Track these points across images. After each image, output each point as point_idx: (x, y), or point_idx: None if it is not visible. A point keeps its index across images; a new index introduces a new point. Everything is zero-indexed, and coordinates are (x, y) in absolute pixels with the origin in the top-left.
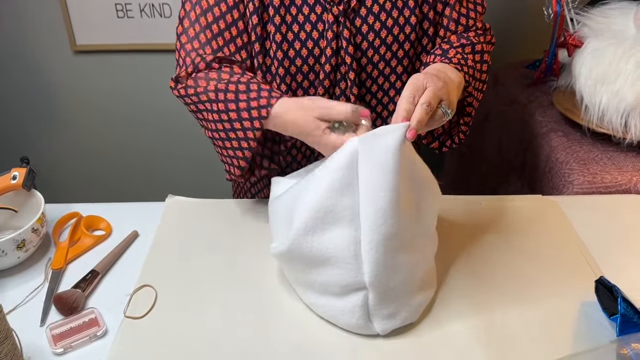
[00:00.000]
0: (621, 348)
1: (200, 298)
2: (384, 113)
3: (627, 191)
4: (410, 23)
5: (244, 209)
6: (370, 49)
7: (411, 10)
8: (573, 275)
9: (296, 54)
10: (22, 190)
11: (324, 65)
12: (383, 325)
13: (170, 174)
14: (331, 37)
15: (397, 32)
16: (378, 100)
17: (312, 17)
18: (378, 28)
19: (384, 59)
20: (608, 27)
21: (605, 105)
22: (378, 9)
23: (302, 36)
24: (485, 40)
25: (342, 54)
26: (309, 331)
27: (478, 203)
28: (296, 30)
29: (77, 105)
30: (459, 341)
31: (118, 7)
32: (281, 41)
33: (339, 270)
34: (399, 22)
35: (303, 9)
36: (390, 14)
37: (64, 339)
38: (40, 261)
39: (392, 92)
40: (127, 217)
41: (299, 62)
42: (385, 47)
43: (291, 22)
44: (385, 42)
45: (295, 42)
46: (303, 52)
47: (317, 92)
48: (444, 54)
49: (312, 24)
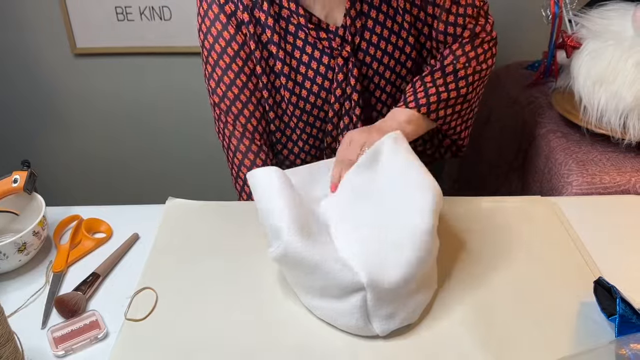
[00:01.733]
0: (620, 348)
1: (201, 300)
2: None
3: (626, 192)
4: (409, 43)
5: (244, 211)
6: (376, 76)
7: (407, 31)
8: (572, 276)
9: (307, 103)
10: (23, 194)
11: (333, 104)
12: (382, 326)
13: (170, 176)
14: (342, 79)
15: (398, 55)
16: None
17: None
18: (380, 56)
19: (389, 82)
20: (606, 28)
21: (604, 106)
22: (377, 39)
23: (308, 85)
24: (478, 52)
25: (348, 91)
26: (309, 333)
27: (478, 204)
28: (308, 87)
29: (77, 108)
30: (458, 342)
31: (118, 10)
32: (290, 97)
33: (336, 273)
34: (398, 45)
35: (312, 64)
36: (389, 40)
37: (65, 341)
38: (41, 264)
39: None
40: (127, 219)
41: (311, 109)
42: (390, 71)
43: (302, 81)
44: (389, 67)
45: (302, 92)
46: (311, 99)
47: (326, 128)
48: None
49: (323, 76)
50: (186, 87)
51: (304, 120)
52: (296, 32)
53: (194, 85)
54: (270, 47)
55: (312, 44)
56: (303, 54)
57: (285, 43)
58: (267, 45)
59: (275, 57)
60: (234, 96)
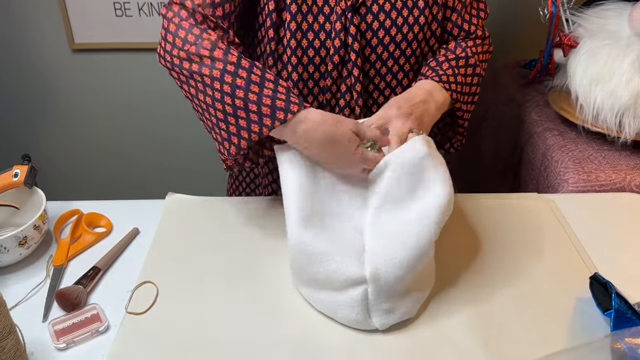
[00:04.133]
0: (615, 342)
1: (201, 294)
2: None
3: (621, 189)
4: (419, 23)
5: (244, 206)
6: (380, 46)
7: (420, 11)
8: (568, 272)
9: (309, 44)
10: (24, 188)
11: (333, 56)
12: (382, 320)
13: (170, 171)
14: (339, 29)
15: (406, 30)
16: (386, 97)
17: (325, 9)
18: (388, 25)
19: (392, 57)
20: (603, 27)
21: (600, 105)
22: (390, 7)
23: (316, 27)
24: (482, 50)
25: (348, 49)
26: (309, 327)
27: (475, 201)
28: (310, 21)
29: (76, 103)
30: (456, 337)
31: (116, 6)
32: (295, 30)
33: (341, 265)
34: (409, 21)
35: (317, 0)
36: (401, 12)
37: (67, 334)
38: (41, 258)
39: (399, 89)
40: (127, 214)
41: (311, 52)
42: (395, 45)
43: (306, 11)
44: (395, 40)
45: (308, 32)
46: (316, 43)
47: (326, 84)
48: (438, 66)
49: (326, 16)
50: None
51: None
52: None
53: None
54: None
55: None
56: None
57: None
58: None
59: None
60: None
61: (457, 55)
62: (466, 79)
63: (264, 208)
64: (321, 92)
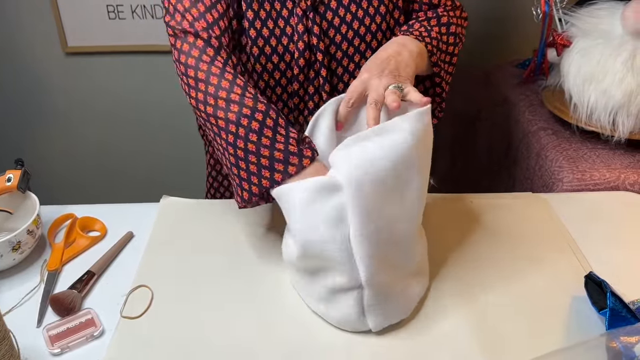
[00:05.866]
0: (610, 341)
1: (196, 297)
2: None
3: (615, 188)
4: (380, 12)
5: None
6: (344, 42)
7: (380, 0)
8: (563, 271)
9: (272, 50)
10: (17, 192)
11: (298, 59)
12: (376, 321)
13: (164, 174)
14: (302, 31)
15: (369, 22)
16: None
17: (284, 12)
18: (350, 20)
19: (358, 50)
20: (596, 26)
21: (594, 104)
22: (347, 0)
23: (277, 32)
24: (455, 15)
25: (314, 50)
26: (304, 329)
27: (469, 201)
28: (271, 26)
29: (69, 107)
30: (451, 337)
31: (109, 9)
32: (256, 37)
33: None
34: (369, 12)
35: (275, 4)
36: (360, 4)
37: (61, 339)
38: (35, 263)
39: None
40: (121, 218)
41: (275, 58)
42: (359, 38)
43: (265, 17)
44: (358, 33)
45: (271, 39)
46: (279, 49)
47: (293, 88)
48: (408, 28)
49: (285, 19)
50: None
51: (274, 78)
52: None
53: None
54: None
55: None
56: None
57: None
58: None
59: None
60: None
61: (428, 16)
62: (442, 37)
63: (259, 210)
64: (289, 97)
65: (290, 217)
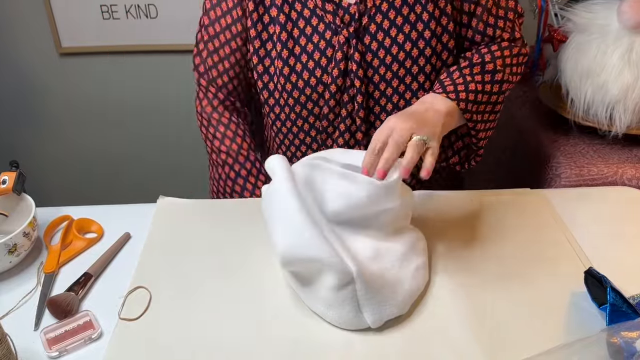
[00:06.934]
0: (611, 337)
1: (194, 298)
2: None
3: (613, 183)
4: (424, 37)
5: (236, 209)
6: (382, 67)
7: (425, 24)
8: (562, 267)
9: (305, 84)
10: (12, 195)
11: (330, 85)
12: (373, 317)
13: (160, 175)
14: (340, 58)
15: (410, 47)
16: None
17: (321, 44)
18: (388, 45)
19: (397, 76)
20: (592, 21)
21: (591, 99)
22: (388, 24)
23: (310, 65)
24: (510, 53)
25: (351, 76)
26: (304, 329)
27: (468, 198)
28: (304, 61)
29: (64, 108)
30: (450, 334)
31: (103, 9)
32: (289, 74)
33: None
34: (411, 37)
35: (313, 38)
36: (402, 29)
37: (59, 342)
38: (32, 265)
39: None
40: (118, 219)
41: (308, 91)
42: (398, 64)
43: (299, 53)
44: (397, 59)
45: (303, 72)
46: (312, 81)
47: (322, 112)
48: (447, 77)
49: (321, 52)
50: (173, 85)
51: (298, 101)
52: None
53: (181, 83)
54: (272, 10)
55: (320, 16)
56: (307, 25)
57: (290, 9)
58: (269, 10)
59: (276, 21)
60: (213, 62)
61: (472, 62)
62: (484, 87)
63: (256, 210)
64: (317, 119)
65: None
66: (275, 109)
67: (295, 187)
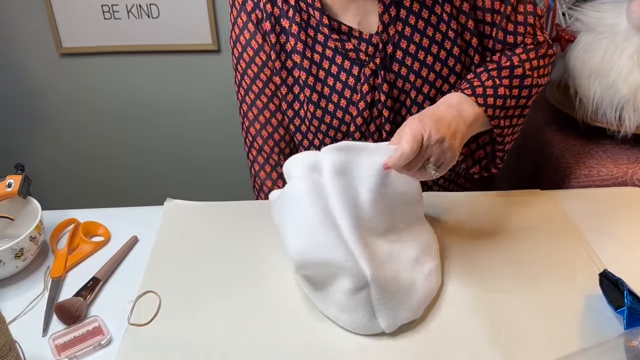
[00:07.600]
0: (630, 341)
1: (204, 302)
2: None
3: (623, 183)
4: (453, 54)
5: (245, 211)
6: (413, 90)
7: (452, 41)
8: (576, 269)
9: (332, 117)
10: (18, 198)
11: (356, 118)
12: (387, 322)
13: (166, 176)
14: (367, 91)
15: (440, 67)
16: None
17: (350, 81)
18: (418, 68)
19: (428, 98)
20: (600, 21)
21: (599, 99)
22: (415, 48)
23: (335, 98)
24: (536, 55)
25: (379, 107)
26: (315, 334)
27: (478, 199)
28: (335, 100)
29: (66, 108)
30: (465, 338)
31: (105, 9)
32: (321, 116)
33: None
34: (440, 57)
35: (340, 76)
36: (429, 50)
37: (68, 348)
38: (38, 270)
39: None
40: (125, 222)
41: (335, 123)
42: (429, 86)
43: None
44: (428, 81)
45: (329, 105)
46: (338, 114)
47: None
48: (475, 77)
49: (350, 88)
50: (176, 85)
51: (328, 135)
52: (326, 41)
53: (183, 84)
54: (294, 56)
55: (343, 54)
56: (332, 65)
57: (312, 52)
58: (291, 55)
59: (300, 67)
60: (253, 116)
61: (500, 65)
62: (512, 91)
63: (266, 212)
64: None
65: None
66: (304, 142)
67: (312, 186)
